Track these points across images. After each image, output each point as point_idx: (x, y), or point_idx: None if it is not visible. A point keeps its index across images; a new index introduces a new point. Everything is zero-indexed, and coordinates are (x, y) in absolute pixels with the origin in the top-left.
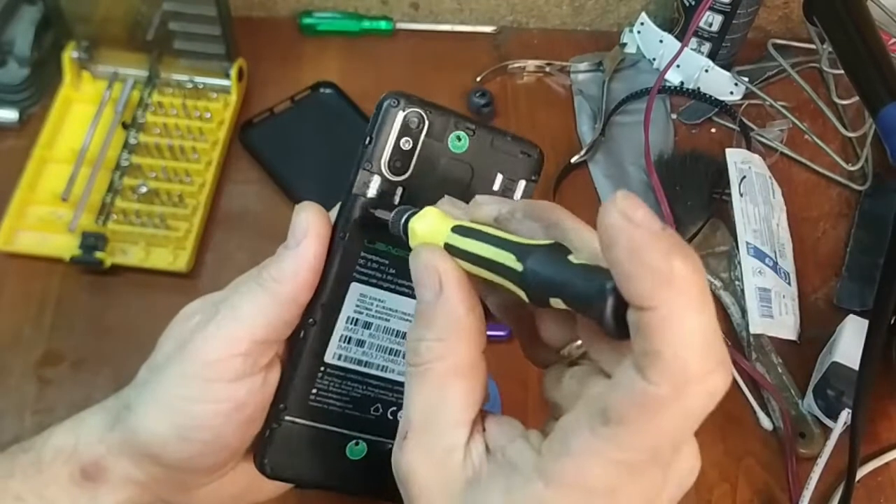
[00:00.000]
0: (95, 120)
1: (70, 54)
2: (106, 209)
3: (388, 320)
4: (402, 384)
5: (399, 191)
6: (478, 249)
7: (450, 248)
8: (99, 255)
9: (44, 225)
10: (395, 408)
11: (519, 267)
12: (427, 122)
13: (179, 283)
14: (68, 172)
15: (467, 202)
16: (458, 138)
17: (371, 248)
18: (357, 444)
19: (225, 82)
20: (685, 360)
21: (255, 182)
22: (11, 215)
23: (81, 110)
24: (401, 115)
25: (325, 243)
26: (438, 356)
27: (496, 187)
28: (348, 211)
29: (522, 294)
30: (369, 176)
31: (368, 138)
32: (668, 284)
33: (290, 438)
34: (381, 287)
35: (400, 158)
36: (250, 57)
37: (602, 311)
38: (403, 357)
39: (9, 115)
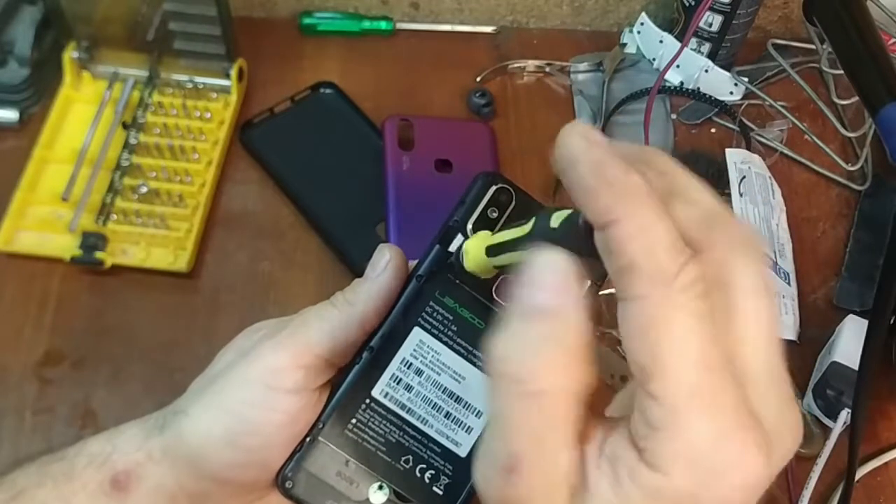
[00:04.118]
0: (96, 120)
1: (70, 54)
2: (106, 209)
3: (439, 374)
4: (437, 442)
5: None
6: (509, 235)
7: (490, 250)
8: (99, 255)
9: (44, 225)
10: (424, 465)
11: (527, 230)
12: (514, 201)
13: (180, 283)
14: (68, 172)
15: None
16: None
17: (440, 301)
18: (381, 487)
19: (225, 82)
20: (659, 261)
21: (255, 182)
22: (12, 215)
23: (82, 110)
24: (493, 188)
25: (401, 279)
26: (565, 376)
27: None
28: (428, 259)
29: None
30: (454, 233)
31: (461, 201)
32: (628, 194)
33: (318, 460)
34: (440, 340)
35: (484, 224)
36: (250, 57)
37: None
38: (445, 415)
39: (9, 115)
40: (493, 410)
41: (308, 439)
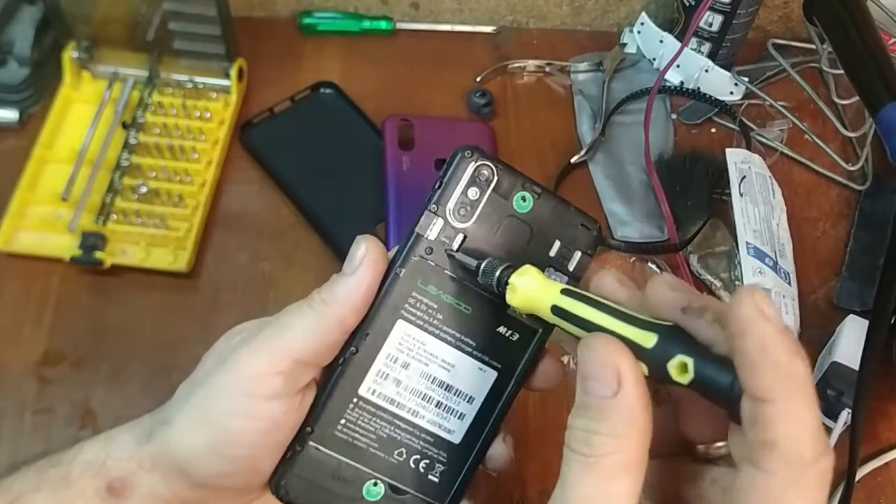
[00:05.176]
0: (95, 120)
1: (70, 54)
2: (106, 209)
3: (426, 365)
4: (429, 432)
5: (459, 237)
6: (594, 318)
7: (557, 310)
8: (99, 254)
9: (44, 225)
10: (417, 455)
11: (649, 343)
12: (496, 178)
13: (179, 282)
14: (68, 172)
15: (522, 261)
16: (524, 199)
17: (423, 290)
18: (375, 484)
19: (225, 82)
20: (801, 449)
21: (255, 182)
22: (11, 215)
23: (81, 110)
24: (472, 166)
25: (380, 273)
26: (610, 451)
27: (552, 253)
28: (408, 249)
29: (644, 368)
30: (433, 218)
31: (439, 183)
32: (789, 381)
33: (311, 465)
34: (425, 330)
35: (465, 207)
36: (250, 57)
37: (736, 400)
38: (436, 405)
39: (9, 114)
40: (562, 471)
41: (298, 447)
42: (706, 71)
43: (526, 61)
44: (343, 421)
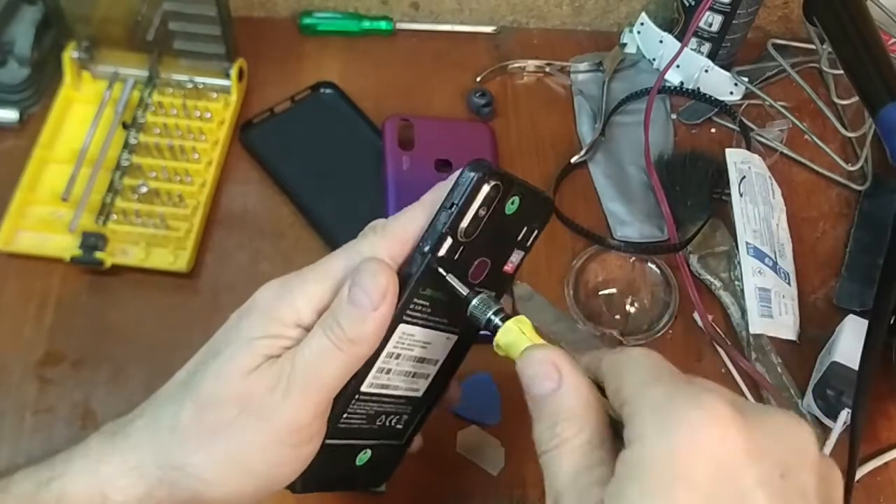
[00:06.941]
0: (96, 120)
1: (70, 54)
2: (106, 209)
3: (412, 350)
4: (407, 398)
5: (461, 249)
6: None
7: None
8: (99, 255)
9: (44, 225)
10: (394, 417)
11: None
12: (501, 193)
13: (180, 282)
14: (68, 172)
15: (506, 257)
16: (513, 202)
17: (422, 295)
18: (365, 452)
19: (225, 82)
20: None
21: (255, 182)
22: (11, 215)
23: (82, 110)
24: (486, 188)
25: (395, 302)
26: (577, 430)
27: (520, 237)
28: (418, 268)
29: None
30: (445, 238)
31: (452, 204)
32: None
33: (322, 460)
34: (416, 324)
35: (474, 225)
36: (250, 57)
37: None
38: (415, 377)
39: (9, 114)
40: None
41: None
42: (706, 71)
43: (526, 61)
44: (346, 415)
